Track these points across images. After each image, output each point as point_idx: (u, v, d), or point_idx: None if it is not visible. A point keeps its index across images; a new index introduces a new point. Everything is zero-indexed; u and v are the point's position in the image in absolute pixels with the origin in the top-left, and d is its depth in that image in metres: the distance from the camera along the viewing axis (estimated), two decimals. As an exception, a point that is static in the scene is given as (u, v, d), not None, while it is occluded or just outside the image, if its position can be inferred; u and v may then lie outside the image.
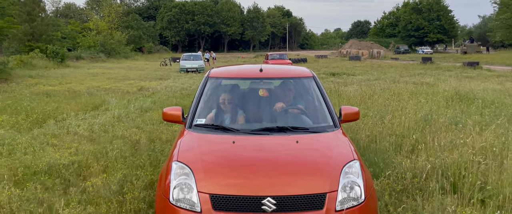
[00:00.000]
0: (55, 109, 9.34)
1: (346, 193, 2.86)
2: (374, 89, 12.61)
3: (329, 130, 3.64)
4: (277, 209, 2.71)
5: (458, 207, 3.70)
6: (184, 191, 2.83)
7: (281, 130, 3.53)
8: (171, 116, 3.83)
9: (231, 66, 4.99)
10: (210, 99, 4.06)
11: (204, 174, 2.87)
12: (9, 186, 4.07)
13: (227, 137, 3.40)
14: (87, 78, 21.06)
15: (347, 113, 3.85)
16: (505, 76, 19.98)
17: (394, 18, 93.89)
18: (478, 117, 7.12)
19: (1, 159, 5.14)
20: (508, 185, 3.92)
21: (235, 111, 3.96)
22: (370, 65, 32.65)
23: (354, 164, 3.04)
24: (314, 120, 3.89)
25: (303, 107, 4.05)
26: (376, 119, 7.28)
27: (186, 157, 3.08)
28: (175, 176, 2.93)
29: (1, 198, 3.76)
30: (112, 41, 49.90)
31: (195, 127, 3.66)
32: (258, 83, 4.29)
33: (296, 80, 4.32)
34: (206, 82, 4.14)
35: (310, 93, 4.17)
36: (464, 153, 4.75)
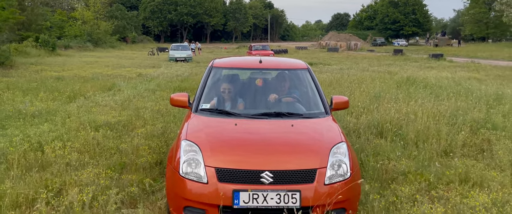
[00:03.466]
0: (80, 89, 11.27)
1: (334, 170, 3.23)
2: (343, 76, 14.89)
3: (321, 116, 4.06)
4: (274, 181, 3.08)
5: (378, 140, 5.96)
6: (192, 166, 3.21)
7: (278, 115, 3.94)
8: (178, 101, 4.23)
9: (232, 57, 5.42)
10: (214, 87, 4.43)
11: (210, 151, 3.26)
12: (88, 131, 6.14)
13: (229, 120, 3.80)
14: (85, 66, 22.71)
15: (338, 101, 4.26)
16: (462, 67, 22.57)
17: (372, 11, 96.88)
18: (414, 94, 9.45)
19: (72, 117, 7.20)
20: (412, 131, 6.18)
21: (236, 98, 4.34)
22: (346, 57, 35.06)
23: (342, 145, 3.44)
24: (307, 107, 4.25)
25: (297, 95, 4.41)
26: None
27: (194, 136, 3.47)
28: (184, 152, 3.32)
29: (88, 136, 5.83)
30: (99, 31, 51.06)
31: (201, 111, 4.08)
32: (257, 74, 4.74)
33: (292, 71, 4.73)
34: (210, 71, 4.55)
35: (305, 84, 4.53)
36: (391, 114, 7.02)
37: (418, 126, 6.35)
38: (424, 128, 6.26)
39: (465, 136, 6.00)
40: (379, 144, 5.79)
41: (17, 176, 4.21)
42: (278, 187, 3.05)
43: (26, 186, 3.94)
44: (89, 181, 4.18)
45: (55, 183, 4.13)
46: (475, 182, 4.31)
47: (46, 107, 8.41)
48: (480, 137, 6.17)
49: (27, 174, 4.31)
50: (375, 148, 5.56)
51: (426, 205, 3.59)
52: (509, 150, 5.49)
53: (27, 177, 4.18)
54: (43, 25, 40.21)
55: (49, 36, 36.25)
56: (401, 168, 4.80)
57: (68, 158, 4.94)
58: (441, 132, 6.10)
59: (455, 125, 6.55)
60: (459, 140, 5.84)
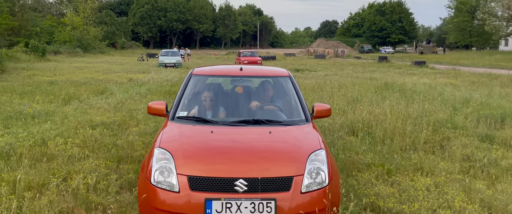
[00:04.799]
0: (74, 92, 11.81)
1: (312, 178, 3.13)
2: (326, 81, 15.62)
3: (301, 123, 3.96)
4: (248, 189, 2.99)
5: (350, 137, 6.65)
6: (165, 174, 3.12)
7: (257, 123, 3.85)
8: (155, 110, 4.12)
9: (213, 66, 5.41)
10: (192, 95, 4.34)
11: (184, 159, 3.17)
12: (86, 130, 6.72)
13: (206, 127, 3.72)
14: (76, 71, 23.15)
15: (319, 109, 4.16)
16: (442, 74, 23.51)
17: (359, 19, 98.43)
18: (388, 98, 10.19)
19: (70, 117, 7.76)
20: (380, 130, 6.87)
21: (217, 107, 4.25)
22: (333, 63, 35.95)
23: (321, 152, 3.34)
24: (288, 114, 4.18)
25: (278, 103, 4.38)
26: (320, 99, 10.22)
27: (168, 144, 3.37)
28: (156, 160, 3.23)
29: (87, 134, 6.42)
30: (88, 36, 51.35)
31: (177, 118, 3.97)
32: (238, 81, 4.65)
33: (273, 79, 4.68)
34: (190, 79, 4.46)
35: (286, 91, 4.47)
36: (364, 115, 7.71)
37: (387, 125, 7.05)
38: (392, 127, 6.96)
39: (427, 134, 6.71)
40: (350, 141, 6.47)
41: (28, 166, 4.79)
42: (253, 195, 2.98)
43: (37, 173, 4.52)
44: (91, 169, 4.77)
45: (61, 171, 4.71)
46: (427, 171, 5.00)
47: (44, 108, 8.95)
48: (440, 135, 6.89)
49: (36, 164, 4.89)
50: (345, 144, 6.24)
51: (380, 187, 4.26)
52: (462, 145, 6.21)
53: (37, 166, 4.76)
54: (33, 31, 40.48)
55: (38, 41, 36.55)
56: (366, 160, 5.47)
57: (70, 151, 5.52)
58: (406, 130, 6.81)
59: (420, 125, 7.26)
60: (421, 138, 6.54)
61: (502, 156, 5.68)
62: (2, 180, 4.29)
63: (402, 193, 4.17)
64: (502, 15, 55.44)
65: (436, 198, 3.95)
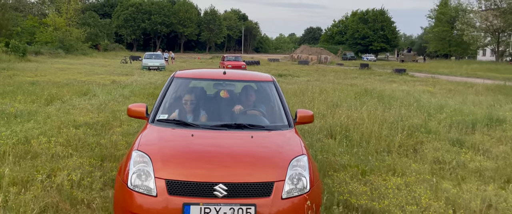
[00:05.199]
0: (56, 93, 11.79)
1: (293, 184, 3.09)
2: (308, 87, 15.92)
3: (283, 129, 3.92)
4: (228, 194, 2.94)
5: (328, 140, 6.89)
6: (142, 178, 3.05)
7: (239, 127, 3.81)
8: (135, 112, 4.05)
9: (196, 69, 5.28)
10: (174, 98, 4.27)
11: (162, 162, 3.10)
12: (69, 129, 6.79)
13: (186, 131, 3.65)
14: (58, 72, 22.95)
15: (302, 115, 4.13)
16: (420, 81, 24.11)
17: (343, 27, 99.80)
18: (367, 103, 10.51)
19: (52, 117, 7.81)
20: (357, 133, 7.13)
21: (198, 110, 4.19)
22: (315, 69, 36.41)
23: (302, 158, 3.30)
24: (270, 119, 4.14)
25: (261, 108, 4.35)
26: (301, 104, 10.47)
27: (146, 147, 3.30)
28: (134, 163, 3.16)
29: (71, 133, 6.50)
30: (71, 38, 50.82)
31: (158, 121, 3.90)
32: (221, 85, 4.58)
33: (256, 83, 4.65)
34: (171, 81, 4.39)
35: (269, 96, 4.43)
36: (343, 119, 7.98)
37: (364, 129, 7.32)
38: (369, 131, 7.23)
39: (402, 138, 7.00)
40: (328, 143, 6.71)
41: (12, 162, 4.86)
42: (232, 200, 2.93)
43: (21, 170, 4.61)
44: (75, 166, 4.88)
45: (45, 168, 4.81)
46: (399, 172, 5.26)
47: (26, 108, 8.96)
48: (414, 139, 7.19)
49: (20, 161, 4.97)
50: (323, 146, 6.48)
51: (353, 185, 4.50)
52: (434, 148, 6.52)
53: (20, 163, 4.84)
54: (14, 31, 39.88)
55: (19, 41, 36.04)
56: (342, 161, 5.71)
57: (54, 150, 5.61)
58: (382, 134, 7.09)
59: (396, 129, 7.56)
60: (396, 141, 6.83)
61: (470, 159, 5.99)
62: (-13, 175, 4.37)
63: (374, 191, 4.42)
64: (480, 26, 57.18)
65: (405, 196, 4.20)
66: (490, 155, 6.34)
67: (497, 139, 7.50)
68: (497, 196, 4.39)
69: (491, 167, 5.60)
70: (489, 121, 8.80)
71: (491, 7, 54.88)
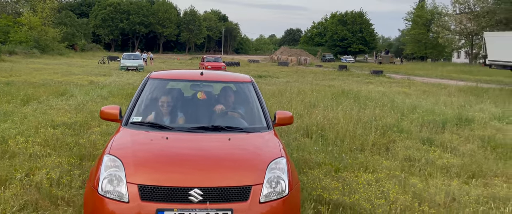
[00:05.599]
0: (32, 93, 11.66)
1: (272, 187, 3.03)
2: (287, 88, 16.15)
3: (262, 131, 3.85)
4: (203, 199, 2.85)
5: (304, 139, 7.09)
6: (114, 183, 2.94)
7: (216, 129, 3.72)
8: (108, 115, 3.91)
9: (172, 70, 5.15)
10: (149, 99, 4.15)
11: (134, 166, 2.99)
12: (47, 129, 6.79)
13: (161, 134, 3.55)
14: (33, 72, 22.56)
15: (282, 117, 4.06)
16: (397, 83, 24.69)
17: (322, 28, 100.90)
18: (343, 104, 10.79)
19: (29, 118, 7.76)
20: (332, 132, 7.36)
21: (175, 113, 4.08)
22: (295, 71, 36.77)
23: (281, 160, 3.24)
24: (249, 121, 4.06)
25: (240, 109, 4.25)
26: (279, 104, 10.67)
27: (118, 151, 3.18)
28: (105, 168, 3.03)
29: (49, 133, 6.50)
30: (46, 37, 49.85)
31: (131, 124, 3.77)
32: (198, 86, 4.47)
33: (234, 84, 4.54)
34: (146, 83, 4.26)
35: (247, 98, 4.34)
36: (319, 119, 8.19)
37: (339, 128, 7.56)
38: (344, 130, 7.47)
39: (375, 137, 7.26)
40: (304, 142, 6.91)
41: (-11, 162, 4.88)
42: (208, 205, 2.85)
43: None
44: (54, 165, 4.92)
45: (23, 167, 4.84)
46: (371, 169, 5.49)
47: (1, 108, 8.87)
48: (387, 138, 7.46)
49: (-2, 160, 4.98)
50: (299, 145, 6.67)
51: (327, 181, 4.69)
52: (405, 147, 6.79)
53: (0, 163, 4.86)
54: (-13, 30, 38.86)
55: (-7, 41, 35.22)
56: (317, 159, 5.91)
57: (32, 149, 5.62)
58: (356, 133, 7.33)
59: (369, 129, 7.82)
60: (369, 140, 7.08)
61: (438, 157, 6.28)
62: (-36, 174, 4.38)
63: (346, 186, 4.62)
64: (454, 29, 58.76)
65: (374, 191, 4.41)
66: (457, 152, 6.65)
67: (465, 138, 7.84)
68: (460, 190, 4.66)
69: (457, 164, 5.89)
70: (459, 120, 9.18)
71: (465, 11, 56.45)
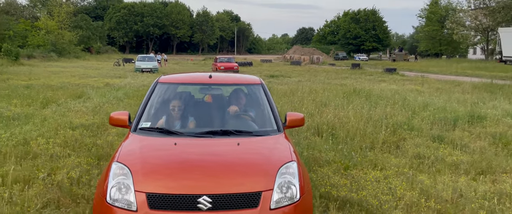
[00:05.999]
0: (51, 96, 12.02)
1: (282, 192, 2.95)
2: (299, 87, 16.26)
3: (272, 133, 3.76)
4: (212, 207, 2.80)
5: (315, 138, 7.22)
6: (122, 191, 2.90)
7: (225, 133, 3.65)
8: (117, 121, 3.87)
9: (180, 74, 5.10)
10: (158, 104, 4.11)
11: (142, 174, 2.95)
12: (66, 131, 7.05)
13: (169, 139, 3.50)
14: (51, 75, 23.10)
15: (292, 118, 3.97)
16: (410, 80, 24.55)
17: (335, 27, 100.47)
18: (354, 102, 10.86)
19: (49, 120, 8.06)
20: (343, 131, 7.47)
21: (185, 117, 4.02)
22: (307, 70, 36.80)
23: (292, 164, 3.16)
24: (259, 124, 3.98)
25: (250, 112, 4.17)
26: (290, 104, 10.80)
27: (126, 158, 3.15)
28: (113, 176, 3.00)
29: (68, 134, 6.76)
30: (63, 41, 50.83)
31: (140, 130, 3.73)
32: (207, 90, 4.42)
33: (244, 87, 4.45)
34: (155, 87, 4.22)
35: (257, 100, 4.25)
36: (330, 118, 8.31)
37: (349, 127, 7.66)
38: (354, 129, 7.57)
39: (386, 135, 7.34)
40: (314, 140, 7.04)
41: (14, 162, 5.13)
42: (217, 213, 2.80)
43: (23, 169, 4.88)
44: (74, 165, 5.16)
45: (45, 167, 5.08)
46: (380, 166, 5.59)
47: (23, 111, 9.20)
48: (398, 136, 7.54)
49: (21, 161, 5.23)
50: (310, 143, 6.80)
51: (335, 178, 4.82)
52: (415, 144, 6.87)
53: (22, 163, 5.11)
54: (6, 34, 39.84)
55: (11, 45, 36.07)
56: (327, 157, 6.04)
57: (53, 150, 5.88)
58: (367, 132, 7.43)
59: (380, 127, 7.90)
60: (380, 138, 7.17)
61: (448, 154, 6.34)
62: (-9, 174, 4.65)
63: (354, 183, 4.74)
64: (469, 25, 57.95)
65: (382, 187, 4.53)
66: (468, 149, 6.69)
67: (476, 135, 7.86)
68: (468, 187, 4.74)
69: (467, 161, 5.95)
70: (471, 118, 9.18)
71: (480, 6, 55.65)
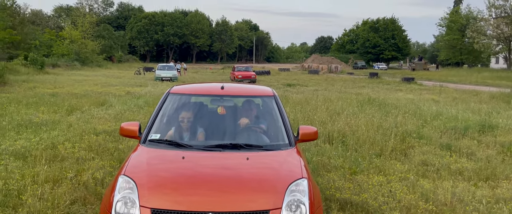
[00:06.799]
0: (75, 104, 12.63)
1: (291, 211, 2.86)
2: (314, 96, 16.54)
3: (283, 148, 3.67)
4: None
5: (325, 145, 7.51)
6: (128, 206, 2.86)
7: (235, 147, 3.57)
8: (128, 131, 3.82)
9: (192, 84, 5.08)
10: (169, 115, 4.07)
11: (148, 188, 2.91)
12: (91, 136, 7.54)
13: (177, 153, 3.44)
14: (75, 84, 23.97)
15: (305, 132, 3.86)
16: (427, 90, 24.51)
17: (354, 35, 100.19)
18: (367, 111, 11.09)
19: (74, 126, 8.59)
20: (353, 139, 7.73)
21: (195, 128, 3.95)
22: (325, 79, 36.99)
23: (302, 182, 3.06)
24: (270, 138, 3.90)
25: (261, 124, 4.10)
26: (304, 112, 11.10)
27: (133, 172, 3.11)
28: (120, 190, 2.97)
29: (92, 140, 7.24)
30: (86, 50, 52.40)
31: (149, 142, 3.67)
32: (218, 101, 4.34)
33: (256, 98, 4.37)
34: (166, 98, 4.16)
35: (269, 112, 4.17)
36: (341, 126, 8.58)
37: (359, 135, 7.92)
38: (364, 137, 7.83)
39: (395, 143, 7.57)
40: (324, 147, 7.32)
41: (44, 164, 5.60)
42: None
43: (52, 170, 5.33)
44: (98, 167, 5.59)
45: (72, 169, 5.53)
46: (385, 172, 5.84)
47: (49, 118, 9.77)
48: (406, 144, 7.76)
49: (50, 163, 5.70)
50: (320, 150, 7.09)
51: (340, 182, 5.11)
52: (422, 152, 7.08)
53: (51, 165, 5.57)
54: (32, 44, 41.37)
55: (37, 54, 37.45)
56: (336, 163, 6.32)
57: (78, 154, 6.34)
58: (376, 139, 7.67)
59: (390, 135, 8.13)
60: (389, 146, 7.40)
61: (453, 161, 6.54)
62: (25, 174, 5.11)
63: (357, 187, 5.02)
64: (491, 34, 57.14)
65: (383, 191, 4.79)
66: (474, 157, 6.87)
67: (486, 144, 8.01)
68: (467, 192, 4.96)
69: (472, 168, 6.15)
70: (482, 127, 9.31)
71: (502, 15, 54.89)
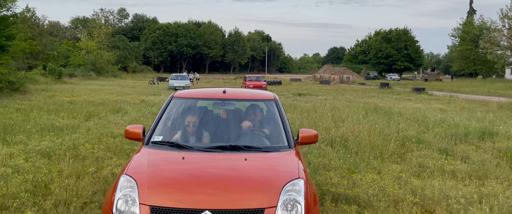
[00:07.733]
0: (93, 111, 13.29)
1: (287, 210, 2.92)
2: (322, 104, 16.97)
3: (282, 150, 3.76)
4: None
5: (327, 148, 7.95)
6: (129, 203, 2.96)
7: (234, 149, 3.66)
8: (132, 134, 3.95)
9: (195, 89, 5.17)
10: (171, 119, 4.18)
11: (148, 187, 3.01)
12: (108, 139, 8.11)
13: (178, 154, 3.55)
14: (92, 92, 24.80)
15: (305, 135, 3.95)
16: (437, 100, 24.69)
17: (366, 46, 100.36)
18: (372, 118, 11.48)
19: (93, 130, 9.18)
20: (354, 143, 8.15)
21: (199, 131, 4.07)
22: (336, 89, 37.36)
23: (298, 182, 3.12)
24: (270, 140, 3.99)
25: (262, 127, 4.21)
26: (310, 119, 11.55)
27: (135, 171, 3.22)
28: (121, 188, 3.08)
29: (109, 142, 7.80)
30: (102, 60, 53.73)
31: (152, 143, 3.79)
32: (220, 105, 4.49)
33: (257, 102, 4.48)
34: (169, 102, 4.29)
35: (270, 115, 4.28)
36: (344, 131, 9.00)
37: (360, 139, 8.34)
38: (365, 141, 8.24)
39: (394, 147, 7.96)
40: (327, 150, 7.76)
41: (67, 161, 6.16)
42: None
43: (74, 167, 5.88)
44: (116, 165, 6.12)
45: (92, 166, 6.07)
46: (380, 171, 6.25)
47: (70, 123, 10.40)
48: (406, 148, 8.14)
49: (73, 161, 6.26)
50: (321, 152, 7.52)
51: (336, 179, 5.54)
52: (420, 155, 7.47)
53: (73, 162, 6.13)
54: (50, 54, 42.69)
55: (55, 64, 38.70)
56: (336, 164, 6.75)
57: (97, 154, 6.89)
58: (376, 144, 8.07)
59: (390, 140, 8.52)
60: (388, 150, 7.80)
61: (447, 163, 6.92)
62: (51, 169, 5.67)
63: (351, 183, 5.45)
64: (504, 45, 56.81)
65: (375, 186, 5.21)
66: (469, 161, 7.23)
67: (483, 149, 8.34)
68: (454, 189, 5.34)
69: (465, 170, 6.51)
70: (482, 134, 9.63)
71: (515, 26, 54.62)
